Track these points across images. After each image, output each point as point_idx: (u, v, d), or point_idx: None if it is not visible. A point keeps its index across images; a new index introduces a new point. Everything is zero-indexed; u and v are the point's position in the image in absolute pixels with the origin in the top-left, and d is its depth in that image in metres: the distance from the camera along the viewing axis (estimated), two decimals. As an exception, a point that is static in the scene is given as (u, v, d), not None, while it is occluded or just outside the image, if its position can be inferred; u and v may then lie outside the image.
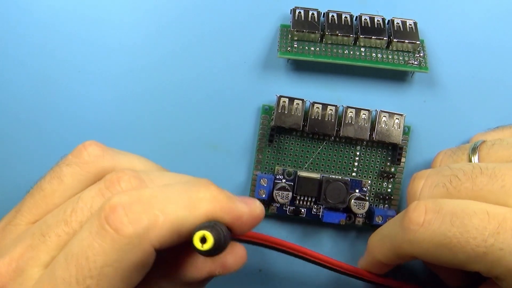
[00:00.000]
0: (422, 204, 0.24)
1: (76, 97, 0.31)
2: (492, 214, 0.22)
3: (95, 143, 0.24)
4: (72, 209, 0.21)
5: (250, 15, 0.31)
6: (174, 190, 0.22)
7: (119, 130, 0.31)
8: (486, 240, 0.22)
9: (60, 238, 0.21)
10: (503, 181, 0.23)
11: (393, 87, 0.32)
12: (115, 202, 0.20)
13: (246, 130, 0.32)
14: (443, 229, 0.22)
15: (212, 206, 0.21)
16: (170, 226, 0.20)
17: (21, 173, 0.31)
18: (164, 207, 0.21)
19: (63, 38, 0.31)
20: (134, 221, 0.20)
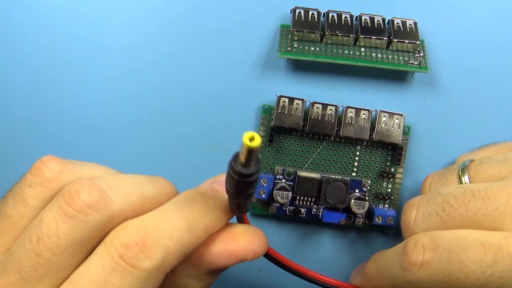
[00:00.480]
0: (420, 243, 0.23)
1: (76, 97, 0.31)
2: (487, 244, 0.22)
3: (53, 157, 0.23)
4: (38, 237, 0.20)
5: (250, 15, 0.31)
6: (173, 215, 0.22)
7: (119, 130, 0.31)
8: (485, 272, 0.21)
9: (38, 271, 0.20)
10: (496, 203, 0.23)
11: (393, 87, 0.32)
12: (127, 240, 0.20)
13: (246, 130, 0.31)
14: (441, 267, 0.22)
15: (208, 220, 0.23)
16: (179, 252, 0.21)
17: (21, 173, 0.31)
18: (171, 235, 0.21)
19: (63, 38, 0.31)
20: (150, 256, 0.20)
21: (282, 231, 0.32)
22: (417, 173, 0.31)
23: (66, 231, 0.20)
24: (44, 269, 0.20)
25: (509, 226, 0.22)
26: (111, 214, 0.21)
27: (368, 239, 0.32)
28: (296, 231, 0.32)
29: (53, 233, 0.20)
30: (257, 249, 0.24)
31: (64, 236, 0.20)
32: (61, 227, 0.20)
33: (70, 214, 0.20)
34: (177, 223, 0.22)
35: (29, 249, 0.20)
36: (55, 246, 0.20)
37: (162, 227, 0.21)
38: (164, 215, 0.22)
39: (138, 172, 0.30)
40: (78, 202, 0.20)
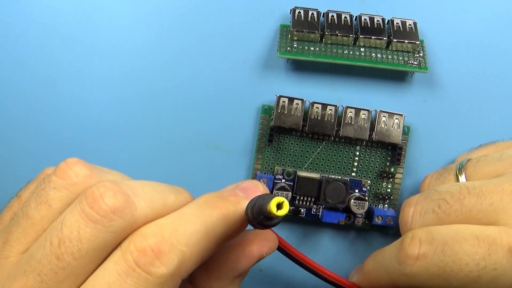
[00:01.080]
0: (416, 237, 0.24)
1: (76, 97, 0.31)
2: (482, 238, 0.22)
3: (80, 161, 0.23)
4: (59, 240, 0.20)
5: (250, 15, 0.31)
6: (191, 220, 0.21)
7: (119, 131, 0.31)
8: (478, 264, 0.22)
9: (58, 275, 0.20)
10: (491, 199, 0.23)
11: (393, 87, 0.32)
12: (143, 245, 0.20)
13: (246, 130, 0.32)
14: (436, 260, 0.23)
15: (227, 227, 0.22)
16: (196, 258, 0.21)
17: (21, 173, 0.31)
18: (188, 241, 0.21)
19: (63, 39, 0.31)
20: (165, 262, 0.20)
21: (282, 231, 0.32)
22: (417, 173, 0.31)
23: (88, 235, 0.20)
24: (64, 273, 0.20)
25: (503, 221, 0.23)
26: (134, 221, 0.21)
27: (368, 239, 0.32)
28: (296, 231, 0.32)
29: (75, 237, 0.20)
30: (270, 243, 0.24)
31: (86, 241, 0.20)
32: (83, 231, 0.20)
33: (94, 219, 0.20)
34: (195, 228, 0.21)
35: (50, 251, 0.20)
36: (76, 250, 0.20)
37: (179, 232, 0.21)
38: (182, 219, 0.21)
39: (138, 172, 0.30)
40: (102, 206, 0.20)
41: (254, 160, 0.31)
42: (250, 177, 0.31)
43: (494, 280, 0.22)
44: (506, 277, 0.22)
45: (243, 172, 0.32)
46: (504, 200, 0.23)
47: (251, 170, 0.31)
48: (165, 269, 0.20)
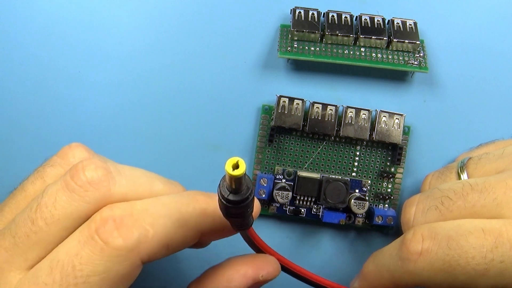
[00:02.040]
0: (418, 232, 0.24)
1: (76, 98, 0.31)
2: (487, 230, 0.22)
3: (82, 145, 0.24)
4: (37, 205, 0.21)
5: (250, 15, 0.31)
6: (165, 204, 0.22)
7: (120, 130, 0.31)
8: (486, 257, 0.22)
9: (30, 239, 0.21)
10: (494, 194, 0.23)
11: (393, 87, 0.32)
12: (107, 215, 0.20)
13: (246, 130, 0.32)
14: (441, 254, 0.22)
15: (202, 221, 0.22)
16: (159, 241, 0.21)
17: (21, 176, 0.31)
18: (155, 222, 0.21)
19: (64, 40, 0.31)
20: (124, 234, 0.20)
21: (282, 231, 0.32)
22: (417, 173, 0.31)
23: (63, 202, 0.20)
24: (35, 237, 0.20)
25: (507, 214, 0.22)
26: (110, 195, 0.21)
27: (368, 239, 0.32)
28: (296, 231, 0.32)
29: (51, 203, 0.21)
30: (269, 268, 0.24)
31: (60, 208, 0.20)
32: (59, 198, 0.21)
33: (71, 187, 0.21)
34: (166, 212, 0.21)
35: (27, 216, 0.21)
36: (49, 216, 0.20)
37: (149, 212, 0.21)
38: (157, 202, 0.22)
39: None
40: (81, 177, 0.21)
41: (254, 160, 0.31)
42: (251, 177, 0.31)
43: (502, 273, 0.21)
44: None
45: (243, 172, 0.32)
46: (507, 194, 0.23)
47: (251, 170, 0.31)
48: (122, 241, 0.20)
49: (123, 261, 0.20)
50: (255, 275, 0.23)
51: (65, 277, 0.19)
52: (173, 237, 0.21)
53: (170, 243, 0.21)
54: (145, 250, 0.20)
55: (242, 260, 0.24)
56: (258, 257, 0.24)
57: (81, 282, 0.19)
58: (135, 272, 0.21)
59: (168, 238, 0.21)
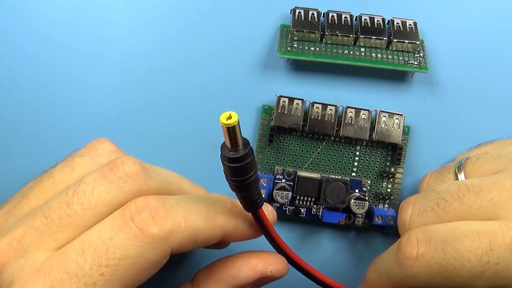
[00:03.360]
0: (413, 237, 0.24)
1: (76, 97, 0.31)
2: (482, 233, 0.22)
3: (110, 140, 0.26)
4: (74, 191, 0.22)
5: (250, 15, 0.31)
6: (195, 201, 0.23)
7: (120, 131, 0.31)
8: (481, 259, 0.22)
9: (63, 221, 0.21)
10: (490, 195, 0.23)
11: (393, 87, 0.32)
12: (142, 204, 0.21)
13: (246, 130, 0.32)
14: (437, 258, 0.23)
15: (227, 221, 0.23)
16: (190, 233, 0.22)
17: (22, 177, 0.31)
18: (187, 215, 0.22)
19: (64, 42, 0.31)
20: (159, 223, 0.21)
21: (282, 231, 0.32)
22: (417, 173, 0.31)
23: (101, 191, 0.22)
24: (69, 220, 0.21)
25: (503, 215, 0.23)
26: (146, 188, 0.22)
27: (368, 239, 0.32)
28: (296, 231, 0.32)
29: (89, 190, 0.22)
30: (277, 265, 0.24)
31: (97, 195, 0.21)
32: (98, 187, 0.22)
33: (110, 179, 0.22)
34: (196, 208, 0.22)
35: (63, 199, 0.22)
36: (86, 201, 0.21)
37: (181, 206, 0.22)
38: (187, 199, 0.23)
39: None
40: (120, 170, 0.22)
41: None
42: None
43: (498, 275, 0.22)
44: (510, 271, 0.21)
45: (243, 172, 0.32)
46: (503, 195, 0.23)
47: (251, 170, 0.31)
48: (157, 229, 0.21)
49: (155, 248, 0.21)
50: (264, 269, 0.24)
51: (97, 258, 0.20)
52: (201, 232, 0.22)
53: (198, 238, 0.22)
54: (176, 240, 0.21)
55: (252, 254, 0.25)
56: (269, 254, 0.25)
57: (112, 264, 0.20)
58: (163, 260, 0.22)
59: (198, 232, 0.22)
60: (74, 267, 0.20)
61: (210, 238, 0.23)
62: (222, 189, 0.32)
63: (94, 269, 0.20)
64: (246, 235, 0.25)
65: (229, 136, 0.20)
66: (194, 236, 0.22)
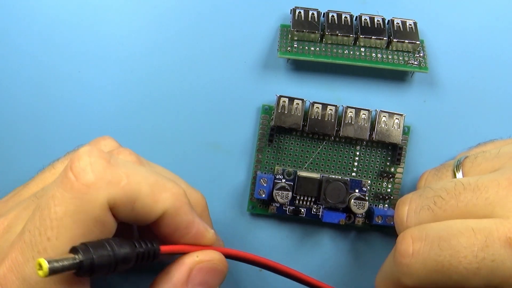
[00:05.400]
0: (408, 235, 0.24)
1: (76, 97, 0.31)
2: (478, 230, 0.22)
3: (112, 138, 0.26)
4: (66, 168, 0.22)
5: (250, 15, 0.31)
6: (148, 170, 0.22)
7: (120, 131, 0.31)
8: (477, 256, 0.22)
9: None
10: (486, 193, 0.23)
11: (393, 87, 0.32)
12: (84, 151, 0.21)
13: (246, 130, 0.32)
14: (433, 255, 0.23)
15: (173, 200, 0.22)
16: (129, 192, 0.21)
17: (22, 177, 0.31)
18: (131, 175, 0.21)
19: (64, 42, 0.31)
20: (96, 171, 0.20)
21: (282, 231, 0.32)
22: (417, 173, 0.31)
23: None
24: None
25: (499, 213, 0.23)
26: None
27: (368, 239, 0.32)
28: (296, 231, 0.32)
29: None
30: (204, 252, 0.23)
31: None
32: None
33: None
34: (145, 174, 0.22)
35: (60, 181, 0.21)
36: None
37: (128, 167, 0.21)
38: (140, 167, 0.22)
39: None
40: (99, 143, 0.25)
41: (254, 160, 0.31)
42: (250, 177, 0.31)
43: (493, 272, 0.22)
44: (505, 268, 0.21)
45: (243, 172, 0.32)
46: (499, 193, 0.23)
47: (251, 170, 0.31)
48: (93, 177, 0.20)
49: (92, 200, 0.20)
50: (191, 259, 0.23)
51: (43, 221, 0.20)
52: (142, 198, 0.21)
53: (137, 202, 0.21)
54: (114, 195, 0.20)
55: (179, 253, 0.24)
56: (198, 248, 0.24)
57: (55, 226, 0.20)
58: (107, 221, 0.21)
59: (138, 195, 0.21)
60: (28, 236, 0.20)
61: (150, 210, 0.22)
62: (222, 189, 0.32)
63: (42, 234, 0.20)
64: (185, 228, 0.23)
65: (60, 272, 0.19)
66: (134, 198, 0.21)
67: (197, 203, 0.26)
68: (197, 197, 0.27)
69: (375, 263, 0.32)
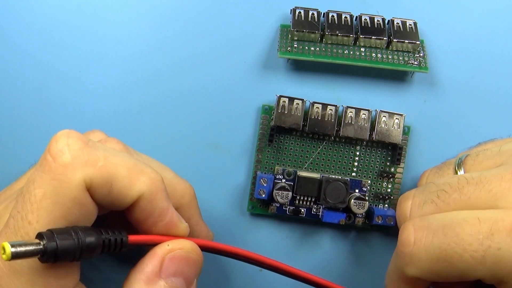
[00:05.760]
0: (410, 224, 0.24)
1: (77, 99, 0.31)
2: (483, 219, 0.22)
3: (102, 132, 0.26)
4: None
5: (250, 15, 0.31)
6: (127, 154, 0.22)
7: (120, 131, 0.31)
8: (482, 243, 0.21)
9: None
10: (489, 186, 0.23)
11: (393, 87, 0.32)
12: (61, 133, 0.21)
13: (246, 130, 0.32)
14: (437, 242, 0.22)
15: (150, 183, 0.22)
16: (105, 174, 0.21)
17: (20, 170, 0.31)
18: (108, 157, 0.21)
19: (64, 42, 0.31)
20: (73, 152, 0.20)
21: (282, 231, 0.32)
22: (417, 173, 0.31)
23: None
24: None
25: (502, 205, 0.22)
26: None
27: (368, 239, 0.32)
28: (296, 231, 0.32)
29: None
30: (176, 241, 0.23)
31: None
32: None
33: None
34: (124, 157, 0.22)
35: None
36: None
37: (107, 150, 0.22)
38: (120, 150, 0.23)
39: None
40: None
41: (254, 160, 0.31)
42: (250, 177, 0.31)
43: (499, 262, 0.21)
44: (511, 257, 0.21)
45: (243, 172, 0.32)
46: (502, 186, 0.23)
47: (251, 170, 0.31)
48: (70, 157, 0.20)
49: (68, 181, 0.20)
50: (162, 248, 0.23)
51: (24, 205, 0.20)
52: (119, 180, 0.21)
53: (114, 184, 0.21)
54: (90, 175, 0.20)
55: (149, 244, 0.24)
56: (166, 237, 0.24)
57: (35, 209, 0.20)
58: (86, 203, 0.21)
59: (115, 177, 0.21)
60: (12, 222, 0.20)
61: (126, 192, 0.22)
62: (222, 189, 0.32)
63: (24, 218, 0.20)
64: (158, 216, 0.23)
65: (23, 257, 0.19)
66: (110, 179, 0.21)
67: (184, 193, 0.26)
68: (185, 187, 0.27)
69: (375, 263, 0.32)
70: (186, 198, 0.26)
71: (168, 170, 0.27)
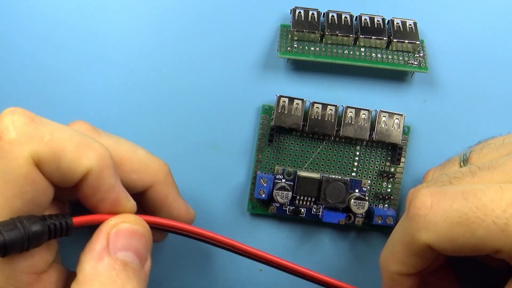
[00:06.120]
0: (425, 189, 0.22)
1: (77, 99, 0.31)
2: (505, 187, 0.21)
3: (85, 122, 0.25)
4: None
5: (250, 15, 0.31)
6: (73, 130, 0.22)
7: (119, 131, 0.31)
8: (505, 211, 0.20)
9: None
10: (502, 167, 0.22)
11: (393, 87, 0.32)
12: (7, 110, 0.21)
13: (246, 130, 0.32)
14: (457, 206, 0.21)
15: (98, 159, 0.22)
16: (52, 149, 0.21)
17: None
18: (55, 132, 0.21)
19: (64, 42, 0.31)
20: (18, 128, 0.20)
21: (282, 231, 0.32)
22: (417, 172, 0.31)
23: None
24: None
25: None
26: None
27: (368, 239, 0.32)
28: (296, 231, 0.32)
29: None
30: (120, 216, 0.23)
31: None
32: None
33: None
34: (71, 133, 0.22)
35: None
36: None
37: (53, 125, 0.21)
38: (68, 127, 0.22)
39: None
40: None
41: (254, 160, 0.31)
42: (250, 177, 0.31)
43: None
44: None
45: (243, 172, 0.32)
46: None
47: (251, 170, 0.31)
48: (15, 134, 0.20)
49: (16, 158, 0.20)
50: (107, 224, 0.22)
51: None
52: (66, 155, 0.21)
53: (61, 160, 0.21)
54: (37, 151, 0.20)
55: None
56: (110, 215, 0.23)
57: None
58: (37, 179, 0.21)
59: (62, 153, 0.21)
60: None
61: (74, 167, 0.21)
62: (222, 189, 0.32)
63: None
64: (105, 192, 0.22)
65: None
66: (58, 154, 0.21)
67: (158, 170, 0.26)
68: (158, 164, 0.26)
69: (375, 263, 0.32)
70: (160, 175, 0.26)
71: (139, 148, 0.26)
